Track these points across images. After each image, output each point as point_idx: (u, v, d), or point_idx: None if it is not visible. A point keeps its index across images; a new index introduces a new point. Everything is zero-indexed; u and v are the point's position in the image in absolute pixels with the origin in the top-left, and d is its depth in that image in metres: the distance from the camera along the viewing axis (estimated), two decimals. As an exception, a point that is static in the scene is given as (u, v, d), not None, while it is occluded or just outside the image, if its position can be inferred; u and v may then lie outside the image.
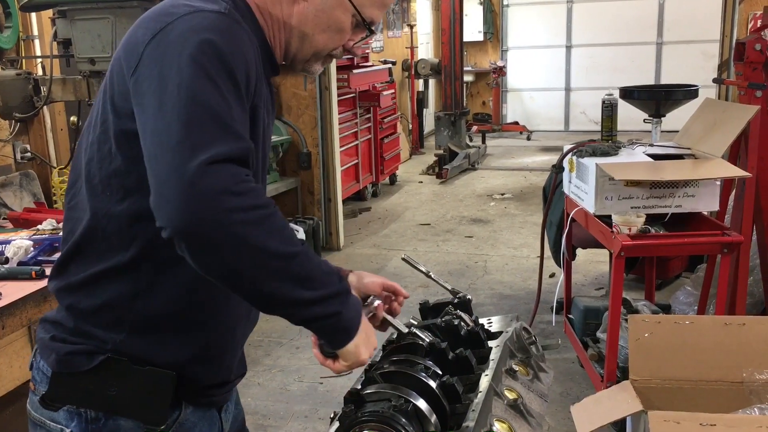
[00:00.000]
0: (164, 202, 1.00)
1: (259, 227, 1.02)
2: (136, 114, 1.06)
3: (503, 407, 1.36)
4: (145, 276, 1.15)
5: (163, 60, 1.05)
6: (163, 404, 1.19)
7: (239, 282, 1.04)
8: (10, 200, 3.57)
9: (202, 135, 1.00)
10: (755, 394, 1.77)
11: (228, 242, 1.00)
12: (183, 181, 0.98)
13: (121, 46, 1.14)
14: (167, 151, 1.00)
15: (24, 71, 3.72)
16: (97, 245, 1.16)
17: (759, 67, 3.06)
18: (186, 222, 0.98)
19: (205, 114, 1.02)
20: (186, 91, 1.02)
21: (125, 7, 3.36)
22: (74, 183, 1.21)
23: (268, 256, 1.02)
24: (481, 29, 11.59)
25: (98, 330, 1.17)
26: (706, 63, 10.39)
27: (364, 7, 1.21)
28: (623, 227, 2.71)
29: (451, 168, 8.17)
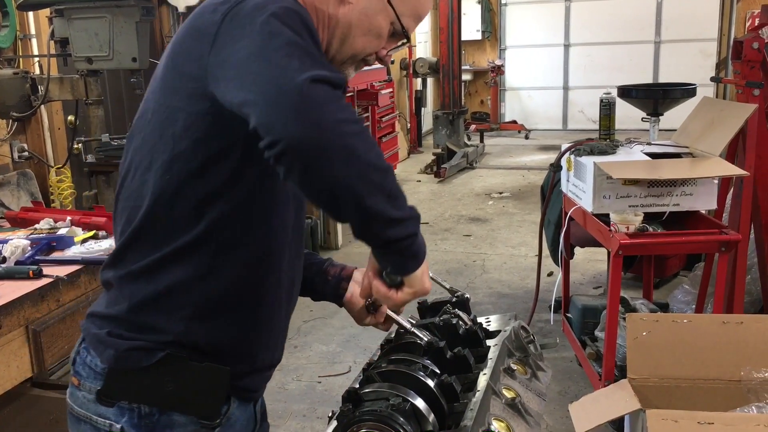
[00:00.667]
0: (276, 115, 0.99)
1: (362, 139, 1.03)
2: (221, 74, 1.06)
3: (501, 406, 1.36)
4: (206, 258, 1.16)
5: (245, 23, 1.06)
6: (218, 399, 1.21)
7: (345, 195, 1.03)
8: (8, 199, 3.57)
9: (302, 61, 1.02)
10: (753, 393, 1.78)
11: (341, 151, 1.01)
12: (295, 93, 0.99)
13: (182, 34, 1.16)
14: (272, 74, 1.01)
15: (21, 70, 3.72)
16: (158, 230, 1.16)
17: (757, 65, 3.06)
18: (302, 130, 0.98)
19: (299, 49, 1.04)
20: (277, 37, 1.04)
21: (122, 6, 3.36)
22: (126, 176, 1.21)
23: (371, 168, 1.04)
24: (479, 28, 11.59)
25: (159, 318, 1.17)
26: (704, 61, 10.40)
27: (403, 16, 1.25)
28: (621, 226, 2.71)
29: (449, 167, 8.17)
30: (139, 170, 1.18)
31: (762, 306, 3.46)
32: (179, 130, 1.13)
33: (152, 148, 1.16)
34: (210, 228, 1.15)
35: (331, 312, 4.24)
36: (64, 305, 2.23)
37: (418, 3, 1.27)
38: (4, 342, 2.04)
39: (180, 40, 1.16)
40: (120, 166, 1.26)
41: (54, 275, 2.22)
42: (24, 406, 2.59)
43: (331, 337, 3.99)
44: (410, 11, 1.26)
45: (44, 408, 2.60)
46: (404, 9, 1.25)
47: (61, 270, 2.27)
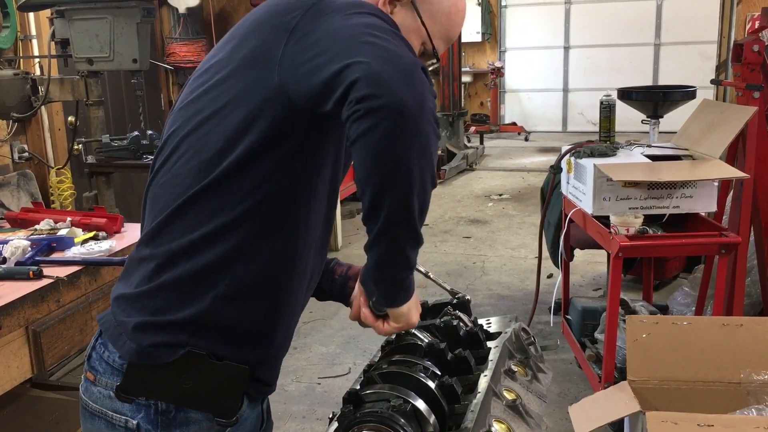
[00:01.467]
0: (391, 74, 1.00)
1: (436, 143, 1.06)
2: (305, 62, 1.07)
3: (502, 408, 1.36)
4: (248, 237, 1.16)
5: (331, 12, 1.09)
6: (236, 397, 1.21)
7: (402, 177, 1.03)
8: (8, 200, 3.57)
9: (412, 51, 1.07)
10: (753, 395, 1.78)
11: (422, 139, 1.02)
12: (411, 67, 1.02)
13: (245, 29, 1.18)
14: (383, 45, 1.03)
15: (22, 71, 3.72)
16: (201, 209, 1.16)
17: (757, 68, 3.06)
18: (410, 99, 1.00)
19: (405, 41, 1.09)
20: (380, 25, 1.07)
21: (123, 7, 3.37)
22: (165, 162, 1.22)
23: (430, 171, 1.06)
24: (479, 30, 11.60)
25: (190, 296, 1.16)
26: (704, 64, 10.41)
27: (435, 37, 1.28)
28: (621, 228, 2.71)
29: (449, 169, 8.17)
30: (186, 155, 1.18)
31: (762, 308, 3.46)
32: (237, 120, 1.14)
33: (205, 135, 1.16)
34: (251, 211, 1.15)
35: (331, 313, 4.24)
36: (64, 306, 2.23)
37: (449, 26, 1.29)
38: (4, 342, 2.04)
39: (246, 34, 1.17)
40: (157, 153, 1.25)
41: (54, 276, 2.22)
42: (24, 406, 2.59)
43: (331, 338, 3.99)
44: (442, 33, 1.29)
45: (44, 409, 2.60)
46: (436, 30, 1.28)
47: (61, 271, 2.27)
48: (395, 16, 1.24)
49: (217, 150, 1.15)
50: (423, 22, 1.25)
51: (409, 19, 1.25)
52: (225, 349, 1.19)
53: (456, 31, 1.32)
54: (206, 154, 1.16)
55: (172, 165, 1.20)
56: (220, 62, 1.19)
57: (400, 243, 1.10)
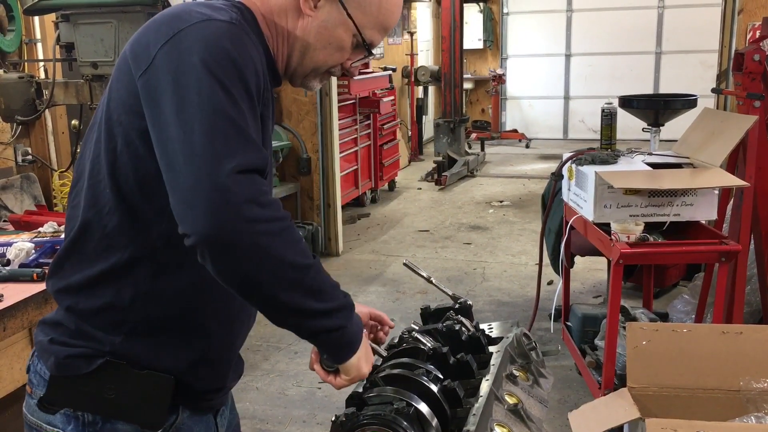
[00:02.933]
0: (190, 209, 1.01)
1: (279, 238, 1.04)
2: (148, 117, 1.07)
3: (504, 412, 1.37)
4: (144, 279, 1.16)
5: (177, 66, 1.06)
6: (161, 408, 1.19)
7: (257, 291, 1.05)
8: (11, 203, 3.58)
9: (227, 145, 1.02)
10: (752, 403, 1.78)
11: (251, 251, 1.02)
12: (211, 190, 1.00)
13: (128, 47, 1.15)
14: (191, 160, 1.01)
15: (26, 74, 3.73)
16: (95, 244, 1.16)
17: (757, 77, 3.08)
18: (213, 230, 1.00)
19: (226, 124, 1.03)
20: (206, 101, 1.03)
21: (128, 11, 3.38)
22: (77, 182, 1.22)
23: (286, 267, 1.05)
24: (480, 37, 11.63)
25: (98, 331, 1.17)
26: (705, 73, 10.43)
27: (365, 28, 1.23)
28: (622, 235, 2.72)
29: (449, 175, 8.18)
30: (82, 181, 1.19)
31: (761, 316, 3.47)
32: (120, 145, 1.13)
33: (96, 159, 1.16)
34: (146, 248, 1.14)
35: (332, 318, 4.24)
36: (67, 308, 2.24)
37: (380, 14, 1.24)
38: (8, 344, 2.05)
39: (125, 53, 1.15)
40: (75, 167, 1.26)
41: (58, 278, 2.23)
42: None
43: (332, 343, 3.99)
44: (372, 23, 1.24)
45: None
46: (366, 21, 1.22)
47: (65, 273, 2.28)
48: (319, 11, 1.21)
49: (103, 179, 1.14)
50: (350, 14, 1.21)
51: (335, 13, 1.21)
52: (145, 364, 1.18)
53: (391, 19, 1.26)
54: (96, 183, 1.15)
55: (80, 189, 1.20)
56: (109, 86, 1.18)
57: (303, 325, 1.12)
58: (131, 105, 1.11)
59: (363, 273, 5.15)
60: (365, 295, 4.69)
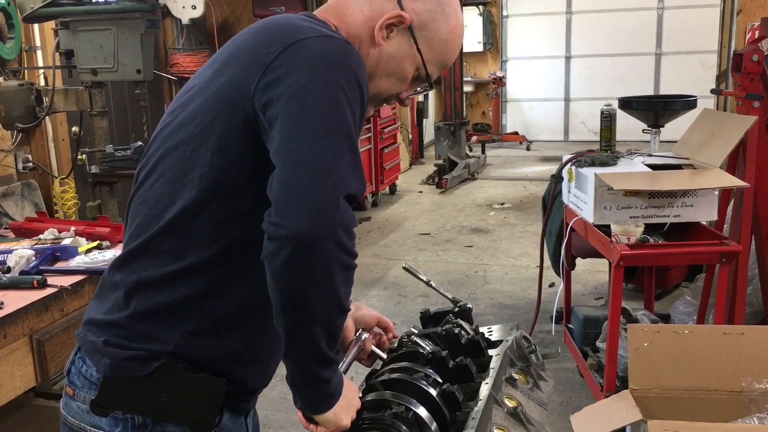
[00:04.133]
0: (298, 204, 1.03)
1: (345, 274, 1.08)
2: (271, 116, 1.09)
3: (503, 415, 1.37)
4: (221, 276, 1.17)
5: (305, 73, 1.08)
6: (213, 411, 1.20)
7: (299, 307, 1.06)
8: (12, 210, 3.58)
9: (345, 169, 1.07)
10: (754, 404, 1.78)
11: (323, 269, 1.04)
12: (327, 199, 1.03)
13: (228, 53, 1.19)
14: (317, 167, 1.04)
15: (26, 82, 3.75)
16: (175, 242, 1.16)
17: (756, 77, 3.08)
18: (310, 230, 1.02)
19: (348, 145, 1.08)
20: (334, 115, 1.07)
21: (127, 18, 3.40)
22: (146, 180, 1.22)
23: (334, 302, 1.08)
24: (480, 40, 11.63)
25: (161, 329, 1.17)
26: (705, 74, 10.43)
27: (429, 63, 1.28)
28: (622, 237, 2.72)
29: (450, 178, 8.18)
30: (163, 178, 1.18)
31: (763, 317, 3.46)
32: (213, 148, 1.14)
33: (181, 160, 1.16)
34: (228, 249, 1.16)
35: (333, 322, 4.23)
36: (68, 315, 2.24)
37: (445, 53, 1.29)
38: (9, 351, 2.05)
39: (228, 60, 1.17)
40: (139, 167, 1.25)
41: (58, 285, 2.24)
42: (27, 415, 2.60)
43: (333, 347, 3.98)
44: (436, 59, 1.29)
45: (47, 417, 2.60)
46: (431, 57, 1.28)
47: (65, 280, 2.28)
48: (390, 42, 1.24)
49: (191, 180, 1.15)
50: (419, 48, 1.25)
51: (405, 45, 1.25)
52: (201, 365, 1.19)
53: (452, 58, 1.32)
54: (180, 181, 1.16)
55: (150, 185, 1.21)
56: (201, 85, 1.20)
57: (306, 363, 1.11)
58: (233, 112, 1.12)
59: (364, 277, 5.15)
60: (366, 299, 4.69)
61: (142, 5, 3.41)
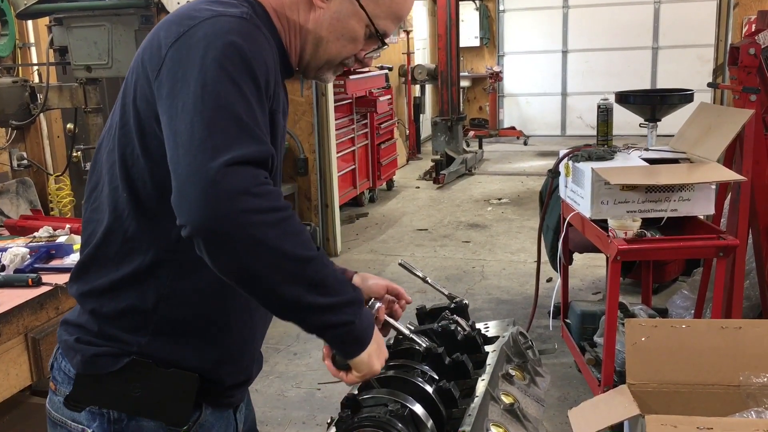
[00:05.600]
0: (184, 200, 1.01)
1: (276, 229, 1.03)
2: (161, 115, 1.07)
3: (500, 412, 1.36)
4: (167, 280, 1.16)
5: (186, 62, 1.06)
6: (186, 405, 1.20)
7: (254, 283, 1.04)
8: (7, 208, 3.57)
9: (224, 136, 1.02)
10: (752, 398, 1.78)
11: (245, 242, 1.01)
12: (204, 181, 0.99)
13: (142, 49, 1.16)
14: (189, 151, 1.01)
15: (20, 79, 3.73)
16: (117, 248, 1.17)
17: (753, 71, 3.07)
18: (205, 220, 1.00)
19: (227, 116, 1.03)
20: (210, 93, 1.03)
21: (121, 14, 3.37)
22: (95, 187, 1.22)
23: (283, 259, 1.03)
24: (477, 35, 11.62)
25: (122, 333, 1.18)
26: (702, 67, 10.43)
27: (378, 18, 1.23)
28: (619, 231, 2.71)
29: (448, 173, 8.18)
30: (102, 184, 1.19)
31: (761, 311, 3.46)
32: (137, 150, 1.13)
33: (113, 165, 1.16)
34: (167, 250, 1.15)
35: (331, 319, 4.23)
36: (63, 313, 2.23)
37: (393, 4, 1.24)
38: (4, 350, 2.04)
39: (139, 57, 1.16)
40: (88, 176, 1.26)
41: (53, 283, 2.22)
42: (23, 414, 2.59)
43: (331, 343, 3.98)
44: (385, 13, 1.23)
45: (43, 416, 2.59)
46: (378, 11, 1.22)
47: (60, 278, 2.27)
48: (331, 3, 1.21)
49: (122, 184, 1.15)
50: (362, 5, 1.21)
51: (347, 4, 1.21)
52: (171, 363, 1.19)
53: (403, 8, 1.26)
54: (115, 188, 1.16)
55: (98, 193, 1.21)
56: (124, 86, 1.18)
57: (309, 319, 1.10)
58: (146, 109, 1.11)
59: (361, 272, 5.14)
60: (364, 295, 4.68)
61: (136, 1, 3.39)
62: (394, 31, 1.32)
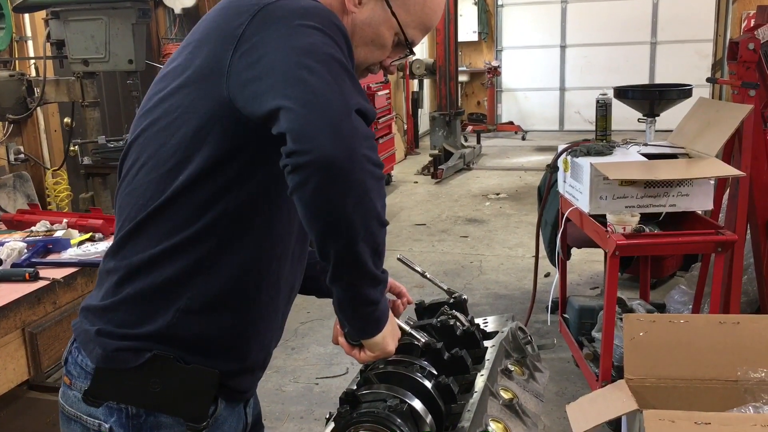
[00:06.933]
0: (315, 126, 0.98)
1: (378, 185, 1.04)
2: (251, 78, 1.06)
3: (499, 407, 1.36)
4: (209, 252, 1.15)
5: (282, 29, 1.06)
6: (206, 401, 1.20)
7: (339, 229, 1.03)
8: (4, 202, 3.56)
9: (352, 84, 1.03)
10: (750, 393, 1.78)
11: (358, 186, 1.00)
12: (341, 113, 0.99)
13: (199, 34, 1.16)
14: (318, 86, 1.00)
15: (17, 72, 3.72)
16: (162, 224, 1.16)
17: (752, 66, 3.07)
18: (337, 151, 0.98)
19: (343, 70, 1.04)
20: (322, 51, 1.04)
21: (118, 8, 3.36)
22: (129, 171, 1.21)
23: (374, 216, 1.04)
24: (475, 29, 11.60)
25: (154, 309, 1.16)
26: (700, 62, 10.43)
27: (408, 27, 1.25)
28: (618, 226, 2.71)
29: (446, 168, 8.17)
30: (147, 166, 1.18)
31: (758, 306, 3.47)
32: (190, 131, 1.13)
33: (163, 146, 1.16)
34: (211, 225, 1.15)
35: (329, 313, 4.23)
36: (60, 307, 2.22)
37: (424, 14, 1.25)
38: (1, 345, 2.03)
39: (200, 40, 1.15)
40: (122, 158, 1.24)
41: (50, 278, 2.22)
42: (21, 408, 2.59)
43: (328, 338, 3.95)
44: (416, 22, 1.25)
45: (41, 411, 2.59)
46: (409, 20, 1.24)
47: (57, 272, 2.26)
48: (363, 8, 1.22)
49: (173, 163, 1.14)
50: (393, 12, 1.22)
51: (379, 10, 1.22)
52: (193, 357, 1.19)
53: (433, 18, 1.27)
54: (163, 167, 1.15)
55: (134, 175, 1.20)
56: (177, 69, 1.18)
57: (356, 285, 1.10)
58: (205, 91, 1.10)
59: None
60: (362, 290, 4.68)
61: (133, -5, 3.38)
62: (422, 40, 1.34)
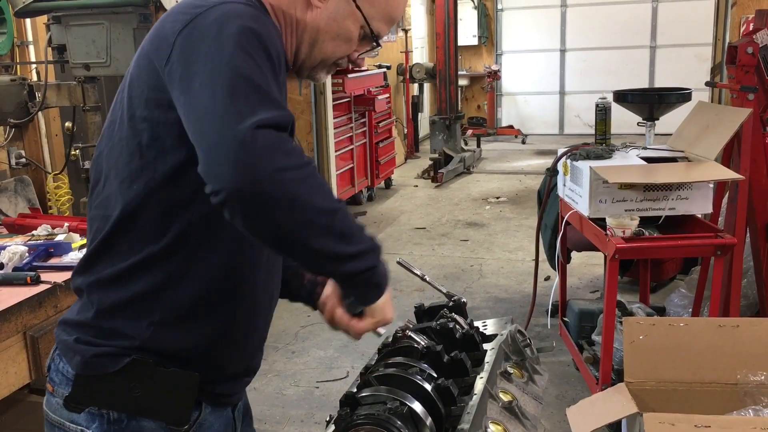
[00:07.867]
0: (217, 165, 1.01)
1: (305, 184, 1.04)
2: (176, 99, 1.08)
3: (498, 409, 1.37)
4: (177, 265, 1.16)
5: (200, 43, 1.07)
6: (187, 405, 1.20)
7: (289, 241, 1.05)
8: (5, 206, 3.57)
9: (247, 103, 1.03)
10: (749, 396, 1.78)
11: (281, 199, 1.02)
12: (235, 143, 1.00)
13: (146, 42, 1.17)
14: (214, 120, 1.02)
15: (19, 77, 3.72)
16: (128, 238, 1.16)
17: (751, 70, 3.08)
18: (240, 182, 0.99)
19: (248, 85, 1.04)
20: (228, 66, 1.04)
21: (120, 12, 3.37)
22: (96, 184, 1.22)
23: (315, 212, 1.05)
24: (475, 33, 11.62)
25: (127, 324, 1.17)
26: (699, 66, 10.43)
27: (373, 20, 1.25)
28: (617, 230, 2.72)
29: (446, 172, 8.18)
30: (108, 179, 1.19)
31: (758, 309, 3.47)
32: (146, 140, 1.13)
33: (119, 158, 1.16)
34: (178, 237, 1.15)
35: (329, 317, 4.23)
36: (61, 311, 2.23)
37: (388, 6, 1.26)
38: (2, 348, 2.04)
39: (144, 50, 1.16)
40: (90, 173, 1.26)
41: (52, 281, 2.23)
42: (22, 412, 2.59)
43: (329, 342, 3.99)
44: (380, 15, 1.25)
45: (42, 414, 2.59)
46: (374, 12, 1.24)
47: (58, 276, 2.27)
48: (328, 3, 1.22)
49: (131, 176, 1.15)
50: (358, 6, 1.23)
51: (344, 4, 1.23)
52: (172, 363, 1.19)
53: (398, 11, 1.28)
54: (124, 180, 1.16)
55: (101, 188, 1.21)
56: (128, 79, 1.19)
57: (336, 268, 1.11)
58: (156, 99, 1.11)
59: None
60: (362, 294, 4.68)
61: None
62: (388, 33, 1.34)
